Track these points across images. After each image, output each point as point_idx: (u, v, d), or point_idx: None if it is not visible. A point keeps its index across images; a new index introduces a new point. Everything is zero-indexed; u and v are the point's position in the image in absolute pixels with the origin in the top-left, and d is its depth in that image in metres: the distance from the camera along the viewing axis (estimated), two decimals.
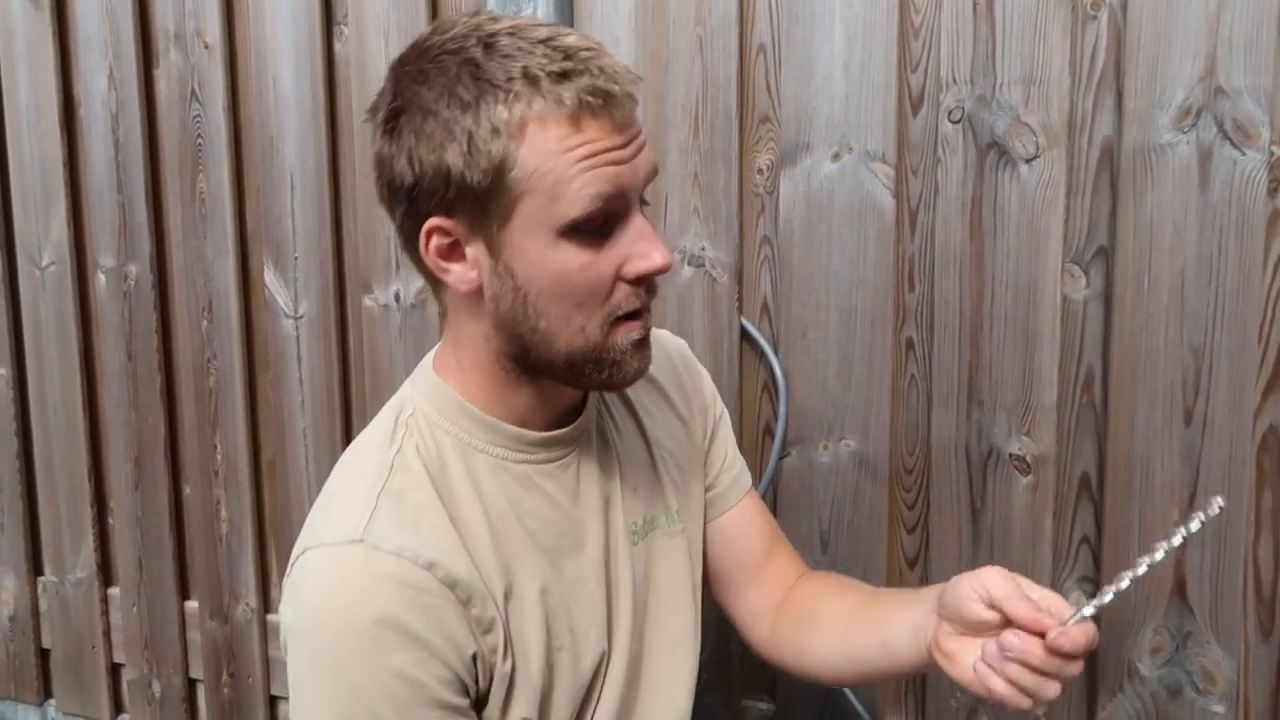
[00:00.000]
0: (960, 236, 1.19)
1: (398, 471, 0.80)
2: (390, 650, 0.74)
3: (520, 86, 0.72)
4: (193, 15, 1.60)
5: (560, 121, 0.72)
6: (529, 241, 0.75)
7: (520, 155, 0.73)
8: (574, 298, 0.76)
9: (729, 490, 1.04)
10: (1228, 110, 1.06)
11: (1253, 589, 1.09)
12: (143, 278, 1.70)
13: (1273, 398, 1.07)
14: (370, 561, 0.75)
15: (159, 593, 1.77)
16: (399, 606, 0.74)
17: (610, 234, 0.76)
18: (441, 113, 0.74)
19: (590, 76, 0.72)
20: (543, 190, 0.73)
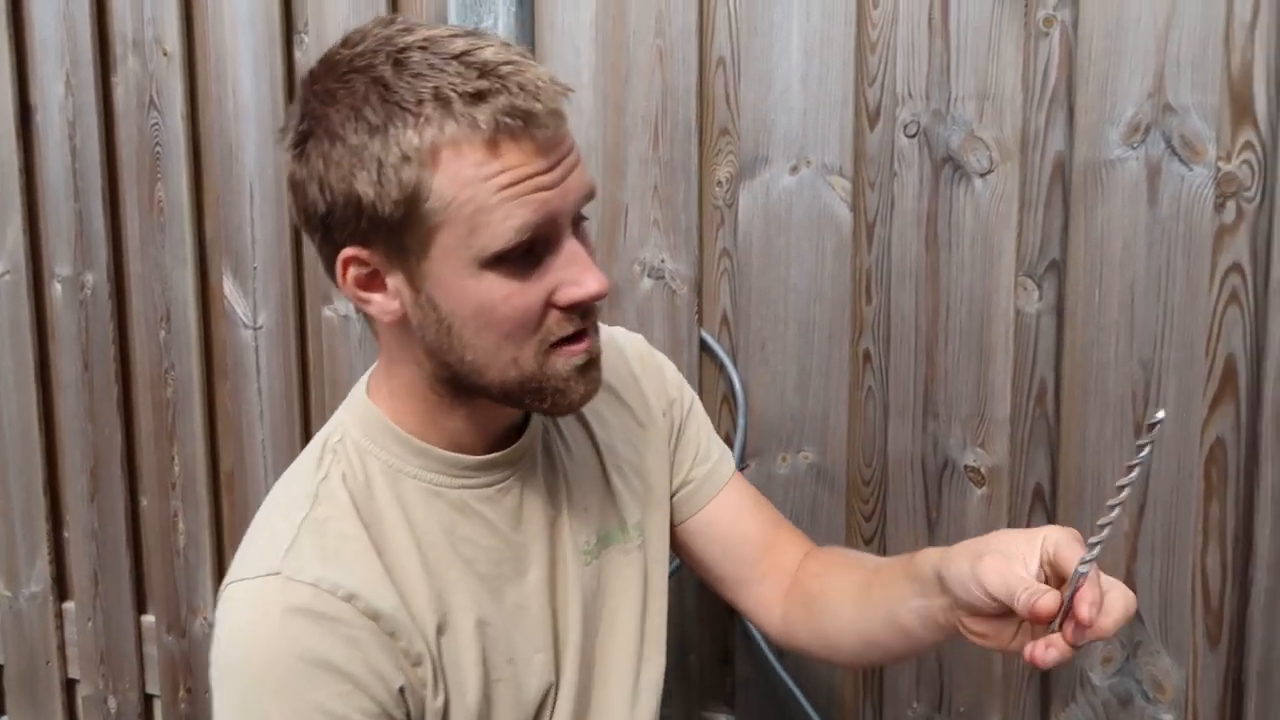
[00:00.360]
0: (916, 250, 1.20)
1: (321, 500, 0.78)
2: (312, 686, 0.71)
3: (431, 109, 0.67)
4: (151, 22, 1.59)
5: (476, 147, 0.68)
6: (449, 273, 0.71)
7: (435, 184, 0.68)
8: (501, 329, 0.72)
9: (705, 484, 1.00)
10: (1175, 127, 1.08)
11: (1201, 599, 1.10)
12: (100, 287, 1.68)
13: (1219, 411, 1.08)
14: (287, 594, 0.72)
15: (115, 606, 1.74)
16: (318, 640, 0.72)
17: (539, 261, 0.72)
18: (349, 138, 0.69)
19: (508, 95, 0.67)
20: (461, 220, 0.69)
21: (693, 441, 1.02)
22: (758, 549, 0.99)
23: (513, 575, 0.84)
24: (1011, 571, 0.67)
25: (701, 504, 1.00)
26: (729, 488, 1.01)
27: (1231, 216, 1.06)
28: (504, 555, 0.84)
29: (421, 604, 0.78)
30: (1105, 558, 1.13)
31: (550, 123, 0.70)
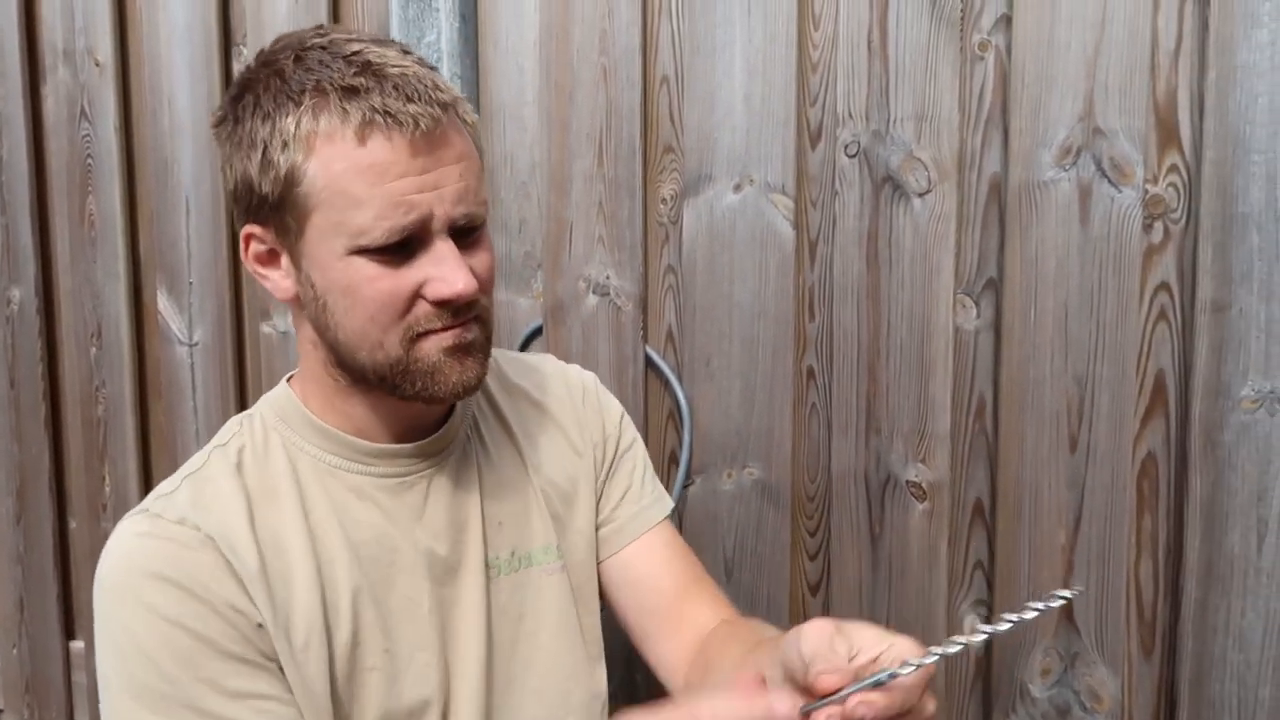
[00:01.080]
0: (858, 267, 1.22)
1: (212, 463, 0.82)
2: (166, 602, 0.73)
3: (310, 99, 0.72)
4: (83, 32, 1.55)
5: (347, 138, 0.72)
6: (323, 253, 0.75)
7: (308, 169, 0.73)
8: (366, 310, 0.75)
9: (628, 525, 0.99)
10: (1105, 149, 1.11)
11: (1135, 610, 1.13)
12: (27, 302, 1.63)
13: (1150, 425, 1.11)
14: (153, 526, 0.76)
15: (41, 633, 1.69)
16: (172, 564, 0.74)
17: (411, 255, 0.75)
18: (246, 122, 0.75)
19: (381, 93, 0.71)
20: (332, 207, 0.73)
21: (624, 480, 1.01)
22: (668, 601, 0.97)
23: (407, 569, 0.84)
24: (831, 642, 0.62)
25: (620, 546, 0.99)
26: (653, 534, 1.00)
27: (1159, 237, 1.10)
28: (397, 546, 0.84)
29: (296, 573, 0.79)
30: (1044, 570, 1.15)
31: (424, 123, 0.72)
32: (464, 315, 0.78)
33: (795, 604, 1.27)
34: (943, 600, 1.20)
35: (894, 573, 1.22)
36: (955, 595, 1.20)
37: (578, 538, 0.96)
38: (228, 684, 0.72)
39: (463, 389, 0.80)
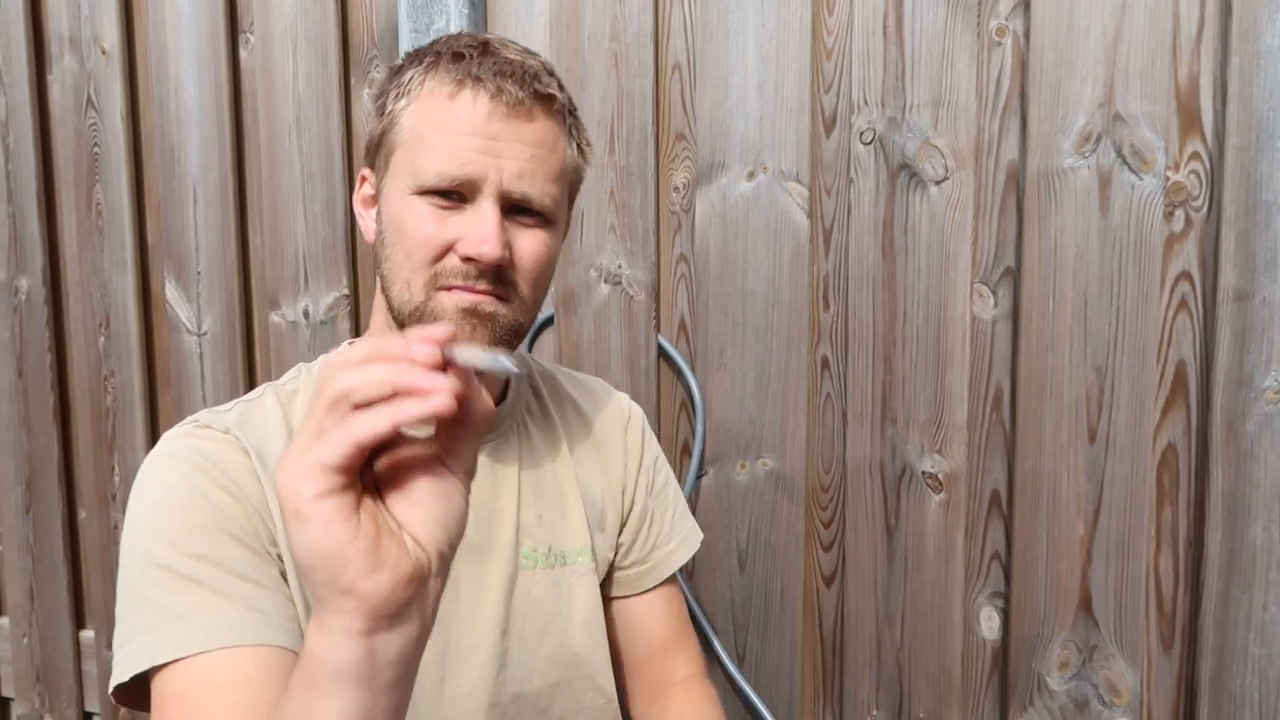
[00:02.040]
0: (873, 256, 1.20)
1: (267, 395, 0.85)
2: (200, 478, 0.74)
3: (430, 58, 0.80)
4: (89, 19, 1.54)
5: (442, 95, 0.78)
6: (393, 190, 0.80)
7: (406, 113, 0.80)
8: (405, 245, 0.79)
9: (657, 568, 1.01)
10: (1125, 136, 1.09)
11: (1154, 603, 1.11)
12: (35, 292, 1.62)
13: (1171, 416, 1.09)
14: (197, 430, 0.78)
15: (52, 622, 1.68)
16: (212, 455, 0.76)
17: (462, 207, 0.79)
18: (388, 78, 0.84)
19: (481, 65, 0.77)
20: (408, 148, 0.79)
21: (659, 525, 1.03)
22: (653, 650, 1.02)
23: None
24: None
25: (640, 589, 1.01)
26: (667, 585, 1.03)
27: (1180, 225, 1.08)
28: None
29: None
30: (1063, 562, 1.14)
31: (507, 98, 0.77)
32: (490, 286, 0.79)
33: (809, 595, 1.26)
34: (959, 592, 1.19)
35: (910, 565, 1.21)
36: (972, 587, 1.18)
37: (600, 554, 0.97)
38: (234, 565, 0.72)
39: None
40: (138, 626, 0.69)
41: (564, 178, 0.83)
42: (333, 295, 1.44)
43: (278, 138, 1.45)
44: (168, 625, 0.68)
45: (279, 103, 1.45)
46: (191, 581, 0.70)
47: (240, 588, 0.71)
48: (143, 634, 0.69)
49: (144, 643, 0.69)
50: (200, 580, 0.70)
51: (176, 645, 0.68)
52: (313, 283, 1.45)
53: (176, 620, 0.68)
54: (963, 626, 1.19)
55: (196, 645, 0.68)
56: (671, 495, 1.06)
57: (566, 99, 0.82)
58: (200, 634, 0.68)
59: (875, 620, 1.23)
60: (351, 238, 1.43)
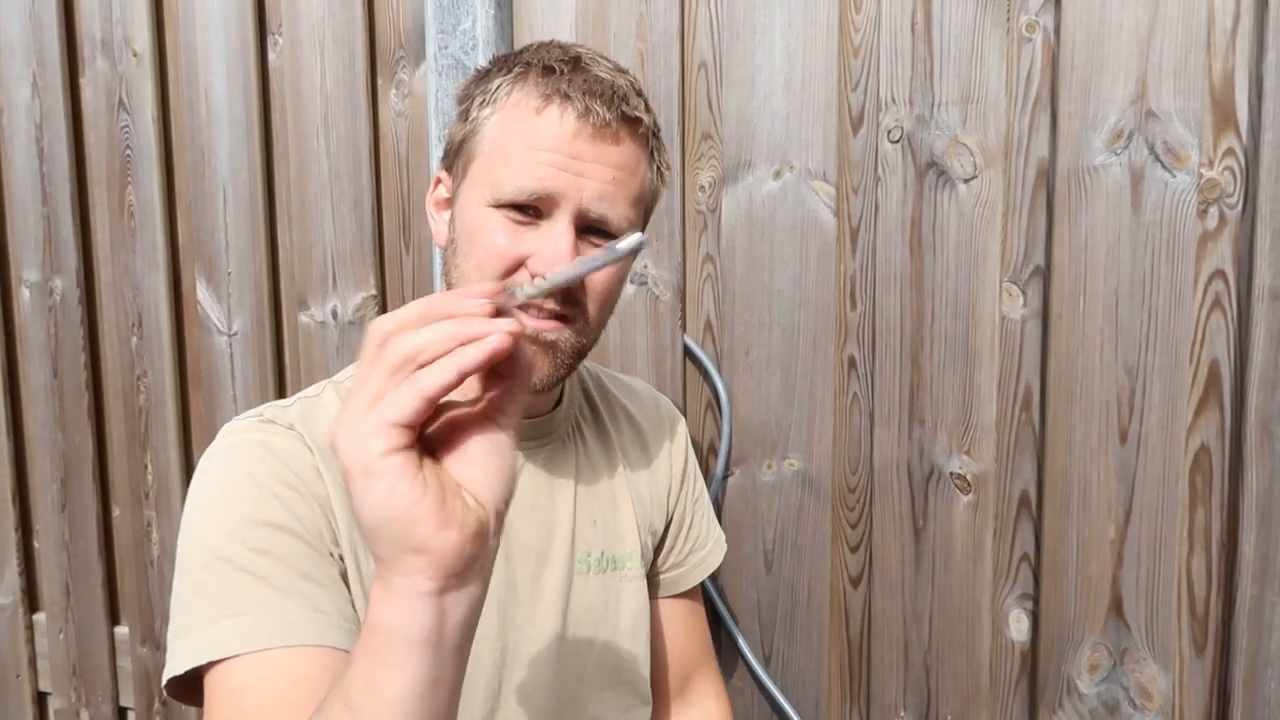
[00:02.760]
0: (901, 255, 1.19)
1: (327, 394, 0.84)
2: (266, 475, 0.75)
3: (519, 69, 0.79)
4: (120, 22, 1.56)
5: (529, 108, 0.77)
6: (469, 199, 0.80)
7: (490, 122, 0.79)
8: (477, 256, 0.78)
9: (693, 571, 1.04)
10: (1158, 133, 1.08)
11: (1186, 605, 1.10)
12: (69, 292, 1.64)
13: (1204, 417, 1.08)
14: (262, 426, 0.79)
15: (87, 618, 1.71)
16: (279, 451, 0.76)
17: (538, 223, 0.78)
18: (470, 85, 0.83)
19: (571, 82, 0.76)
20: (489, 159, 0.78)
21: (698, 529, 1.05)
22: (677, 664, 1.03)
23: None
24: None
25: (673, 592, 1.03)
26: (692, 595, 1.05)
27: (1214, 223, 1.06)
28: None
29: None
30: (1093, 564, 1.13)
31: (595, 119, 0.76)
32: (558, 306, 0.79)
33: (836, 596, 1.26)
34: (988, 594, 1.18)
35: (937, 566, 1.21)
36: (1000, 589, 1.18)
37: (649, 556, 0.98)
38: (298, 564, 0.72)
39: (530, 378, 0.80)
40: (198, 619, 0.69)
41: (642, 201, 0.82)
42: (360, 295, 1.45)
43: (306, 138, 1.46)
44: (228, 620, 0.68)
45: (307, 104, 1.46)
46: (254, 577, 0.70)
47: (303, 586, 0.71)
48: (203, 627, 0.69)
49: (203, 635, 0.68)
50: (263, 576, 0.70)
51: (240, 641, 0.67)
52: (341, 283, 1.46)
53: (238, 615, 0.68)
54: (991, 628, 1.18)
55: (259, 642, 0.67)
56: (705, 500, 1.08)
57: (652, 121, 0.82)
58: (263, 631, 0.68)
59: (903, 621, 1.23)
60: (379, 238, 1.44)
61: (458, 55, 1.31)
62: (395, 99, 1.41)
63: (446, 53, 1.31)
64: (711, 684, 1.05)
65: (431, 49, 1.32)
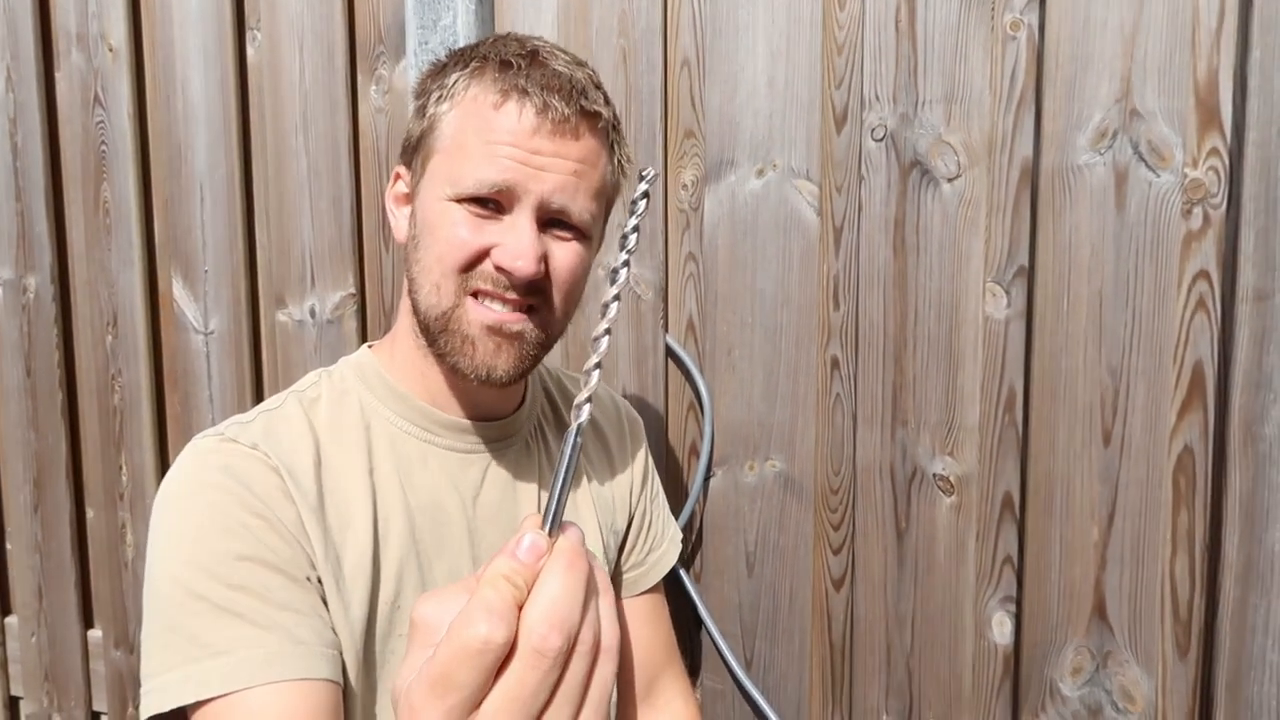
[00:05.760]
0: (884, 255, 1.18)
1: (289, 405, 0.83)
2: (230, 505, 0.73)
3: (476, 63, 0.79)
4: (96, 16, 1.53)
5: (487, 104, 0.77)
6: (429, 195, 0.79)
7: (448, 117, 0.79)
8: (438, 249, 0.78)
9: (652, 569, 1.03)
10: (1143, 132, 1.07)
11: (1170, 608, 1.09)
12: (43, 290, 1.62)
13: (1187, 418, 1.07)
14: (223, 445, 0.77)
15: (60, 621, 1.68)
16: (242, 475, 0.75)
17: (499, 217, 0.78)
18: (426, 79, 0.83)
19: (529, 77, 0.76)
20: (448, 154, 0.78)
21: (657, 528, 1.05)
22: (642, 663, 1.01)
23: (454, 543, 0.85)
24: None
25: (636, 591, 1.02)
26: (655, 591, 1.04)
27: (1198, 223, 1.06)
28: (450, 519, 0.85)
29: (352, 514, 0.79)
30: (1076, 566, 1.12)
31: (553, 114, 0.76)
32: (522, 297, 0.79)
33: (818, 599, 1.24)
34: (970, 597, 1.17)
35: (920, 568, 1.19)
36: (983, 591, 1.17)
37: (612, 556, 0.98)
38: (274, 595, 0.71)
39: (488, 371, 0.80)
40: (177, 658, 0.69)
41: (603, 194, 0.83)
42: (339, 294, 1.43)
43: (284, 135, 1.44)
44: (209, 659, 0.68)
45: (286, 100, 1.44)
46: (232, 614, 0.69)
47: (281, 618, 0.70)
48: (183, 666, 0.68)
49: (183, 675, 0.68)
50: (241, 613, 0.69)
51: (220, 680, 0.67)
52: (319, 282, 1.44)
53: (218, 654, 0.68)
54: (974, 631, 1.17)
55: (240, 681, 0.67)
56: (663, 499, 1.08)
57: (611, 114, 0.81)
58: (244, 669, 0.67)
59: (885, 624, 1.22)
60: (359, 237, 1.42)
61: (438, 51, 1.29)
62: (375, 95, 1.39)
63: (427, 48, 1.29)
64: (678, 685, 1.04)
65: (412, 44, 1.30)
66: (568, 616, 0.40)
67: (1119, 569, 1.11)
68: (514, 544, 0.42)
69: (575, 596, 0.41)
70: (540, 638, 0.39)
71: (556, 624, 0.39)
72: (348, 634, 0.76)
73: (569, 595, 0.40)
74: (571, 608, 0.40)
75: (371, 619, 0.79)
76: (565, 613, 0.40)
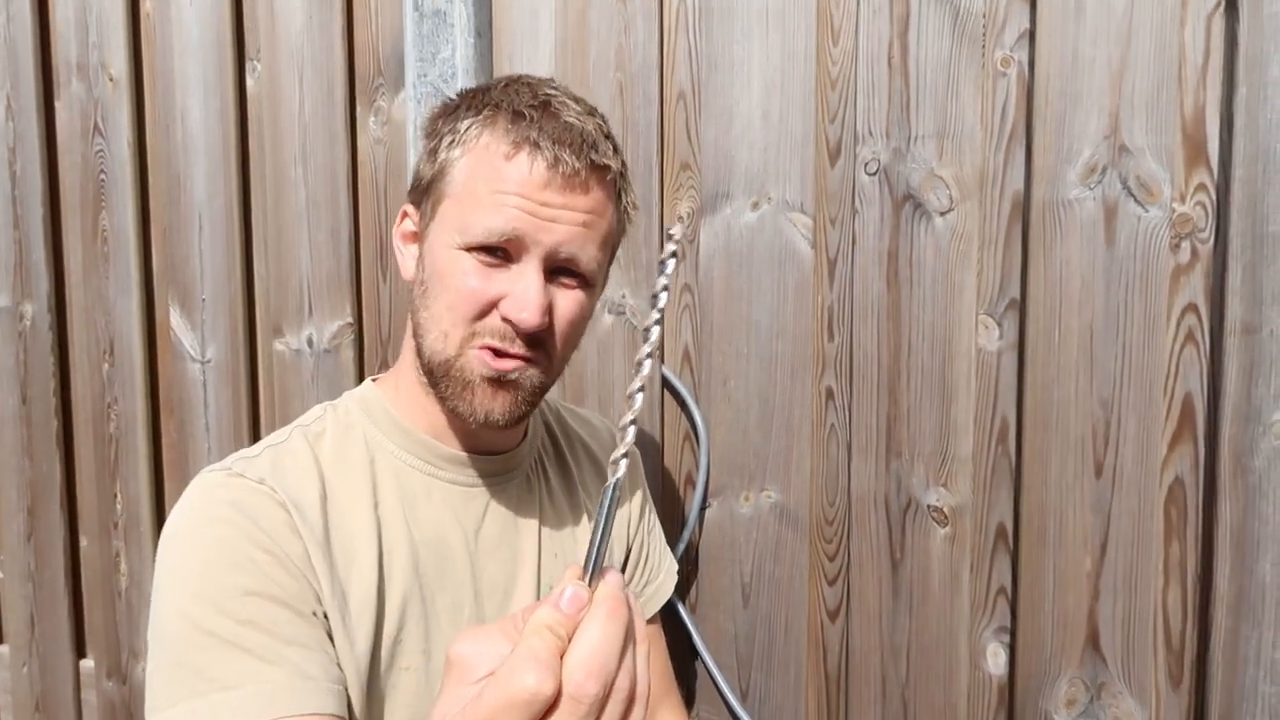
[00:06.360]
0: (878, 287, 1.19)
1: (294, 439, 0.84)
2: (238, 540, 0.73)
3: (489, 111, 0.80)
4: (97, 46, 1.55)
5: (501, 153, 0.78)
6: (439, 241, 0.81)
7: (460, 164, 0.80)
8: (448, 297, 0.80)
9: (650, 601, 1.04)
10: (1131, 167, 1.09)
11: (1162, 639, 1.10)
12: (40, 318, 1.62)
13: (1178, 450, 1.08)
14: (230, 480, 0.78)
15: (52, 651, 1.67)
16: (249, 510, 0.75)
17: (508, 265, 0.79)
18: (438, 120, 0.84)
19: (541, 128, 0.77)
20: (458, 201, 0.79)
21: (654, 559, 1.06)
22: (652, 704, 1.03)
23: (457, 576, 0.85)
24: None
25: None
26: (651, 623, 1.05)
27: (1186, 257, 1.07)
28: (453, 553, 0.85)
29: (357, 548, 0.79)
30: (1069, 597, 1.12)
31: (564, 168, 0.77)
32: (525, 349, 0.81)
33: (813, 630, 1.25)
34: (965, 628, 1.18)
35: (915, 599, 1.20)
36: (978, 622, 1.17)
37: None
38: (281, 630, 0.72)
39: (485, 415, 0.81)
40: (184, 692, 0.69)
41: (609, 241, 0.84)
42: (337, 324, 1.44)
43: (283, 165, 1.45)
44: (217, 694, 0.68)
45: (285, 130, 1.45)
46: (240, 649, 0.70)
47: (288, 653, 0.71)
48: (189, 700, 0.69)
49: (190, 709, 0.68)
50: (249, 648, 0.70)
51: (230, 714, 0.68)
52: (317, 311, 1.45)
53: (226, 689, 0.68)
54: (969, 662, 1.18)
55: (249, 715, 0.68)
56: (659, 530, 1.09)
57: (620, 164, 0.83)
58: (252, 704, 0.68)
59: (880, 655, 1.22)
60: (356, 266, 1.43)
61: (437, 83, 1.30)
62: (374, 126, 1.41)
63: (425, 80, 1.31)
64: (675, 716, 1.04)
65: (411, 77, 1.32)
66: (605, 664, 0.42)
67: (1112, 599, 1.12)
68: (557, 595, 0.45)
69: (614, 645, 0.43)
70: (577, 685, 0.42)
71: (595, 671, 0.42)
72: (352, 667, 0.76)
73: (608, 644, 0.43)
74: (609, 656, 0.43)
75: (375, 652, 0.79)
76: (603, 661, 0.42)
